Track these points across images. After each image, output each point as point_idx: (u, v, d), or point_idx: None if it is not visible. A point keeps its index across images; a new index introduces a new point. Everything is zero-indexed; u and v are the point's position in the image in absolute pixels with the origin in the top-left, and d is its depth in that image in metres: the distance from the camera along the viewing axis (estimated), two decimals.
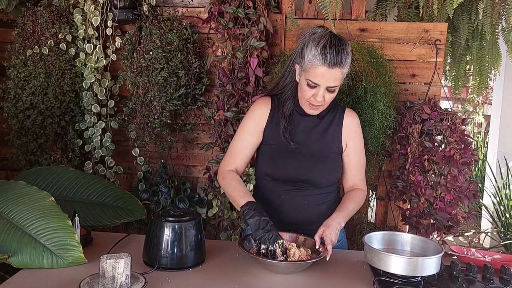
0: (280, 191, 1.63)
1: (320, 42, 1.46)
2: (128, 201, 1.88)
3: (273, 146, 1.63)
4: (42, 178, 1.85)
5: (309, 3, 2.31)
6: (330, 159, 1.64)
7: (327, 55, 1.44)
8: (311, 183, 1.62)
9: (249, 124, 1.66)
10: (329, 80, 1.48)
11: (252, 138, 1.65)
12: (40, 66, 2.17)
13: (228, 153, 1.68)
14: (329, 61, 1.45)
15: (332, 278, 1.39)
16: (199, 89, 2.25)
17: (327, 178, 1.64)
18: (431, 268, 1.33)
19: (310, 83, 1.50)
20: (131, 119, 2.26)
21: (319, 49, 1.45)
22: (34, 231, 1.42)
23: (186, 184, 2.36)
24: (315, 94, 1.51)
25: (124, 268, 1.17)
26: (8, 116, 2.21)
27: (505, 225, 3.49)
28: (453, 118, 2.01)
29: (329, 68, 1.46)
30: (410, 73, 2.26)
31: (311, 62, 1.47)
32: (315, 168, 1.61)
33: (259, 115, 1.65)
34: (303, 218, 1.63)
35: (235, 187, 1.57)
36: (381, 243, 1.52)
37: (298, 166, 1.60)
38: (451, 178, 1.97)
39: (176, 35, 2.16)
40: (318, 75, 1.47)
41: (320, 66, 1.46)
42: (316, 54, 1.46)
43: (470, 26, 2.34)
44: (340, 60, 1.46)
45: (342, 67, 1.47)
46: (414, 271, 1.32)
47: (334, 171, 1.65)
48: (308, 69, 1.49)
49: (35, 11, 2.18)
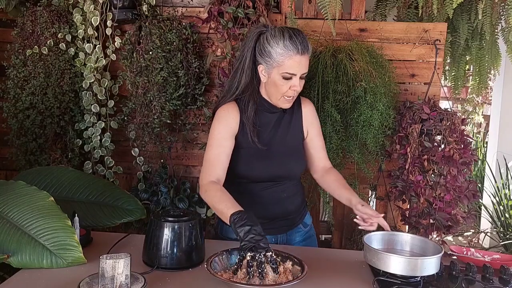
0: (260, 190, 1.65)
1: (284, 34, 1.50)
2: (127, 201, 1.88)
3: (246, 149, 1.61)
4: (41, 178, 1.85)
5: (309, 3, 2.31)
6: (298, 150, 1.71)
7: (297, 44, 1.49)
8: (287, 177, 1.67)
9: (222, 130, 1.59)
10: (302, 67, 1.52)
11: (228, 144, 1.59)
12: (40, 66, 2.17)
13: (206, 163, 1.57)
14: (300, 49, 1.49)
15: (332, 278, 1.39)
16: (199, 89, 2.25)
17: (299, 169, 1.71)
18: (431, 268, 1.33)
19: (287, 75, 1.52)
20: (131, 119, 2.26)
21: (287, 40, 1.49)
22: (33, 231, 1.42)
23: (185, 184, 2.36)
24: (292, 84, 1.53)
25: (124, 268, 1.17)
26: (8, 116, 2.20)
27: (505, 225, 3.49)
28: (452, 118, 2.01)
29: (302, 55, 1.50)
30: (409, 73, 2.27)
31: (284, 55, 1.49)
32: (289, 163, 1.66)
33: (230, 120, 1.60)
34: (284, 210, 1.68)
35: (220, 198, 1.45)
36: (381, 243, 1.52)
37: (272, 164, 1.63)
38: (451, 178, 1.97)
39: (176, 35, 2.16)
40: (294, 64, 1.50)
41: (294, 55, 1.49)
42: (286, 45, 1.49)
43: (470, 26, 2.34)
44: (307, 45, 1.51)
45: (309, 52, 1.53)
46: (414, 271, 1.32)
47: (303, 161, 1.72)
48: (281, 63, 1.51)
49: (35, 11, 2.18)
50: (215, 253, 1.38)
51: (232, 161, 1.61)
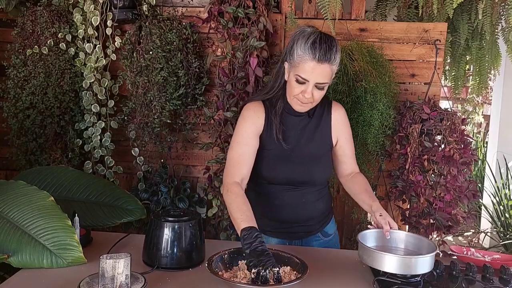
0: (278, 192, 1.63)
1: (310, 38, 1.48)
2: (127, 201, 1.88)
3: (269, 150, 1.61)
4: (41, 178, 1.85)
5: (309, 3, 2.31)
6: (324, 157, 1.66)
7: (317, 50, 1.45)
8: (308, 183, 1.63)
9: (248, 128, 1.60)
10: (318, 76, 1.48)
11: (253, 142, 1.59)
12: (40, 65, 2.17)
13: (231, 162, 1.57)
14: (318, 56, 1.45)
15: (332, 278, 1.39)
16: (199, 89, 2.25)
17: (323, 177, 1.67)
18: (425, 266, 1.33)
19: (299, 78, 1.49)
20: (131, 119, 2.26)
21: (309, 44, 1.46)
22: (33, 231, 1.42)
23: (185, 184, 2.36)
24: (303, 90, 1.51)
25: (124, 268, 1.17)
26: (8, 116, 2.20)
27: (505, 225, 3.49)
28: (452, 118, 2.01)
29: (318, 63, 1.46)
30: (409, 73, 2.26)
31: (301, 57, 1.47)
32: (311, 169, 1.62)
33: (256, 119, 1.62)
34: (302, 215, 1.65)
35: (237, 206, 1.44)
36: (375, 241, 1.51)
37: (294, 169, 1.61)
38: (451, 178, 1.97)
39: (176, 34, 2.16)
40: (308, 70, 1.47)
41: (309, 61, 1.46)
42: (306, 49, 1.46)
43: (470, 26, 2.34)
44: (329, 56, 1.46)
45: (331, 63, 1.48)
46: (408, 269, 1.32)
47: (328, 169, 1.68)
48: (297, 65, 1.49)
49: (35, 11, 2.18)
50: (216, 253, 1.38)
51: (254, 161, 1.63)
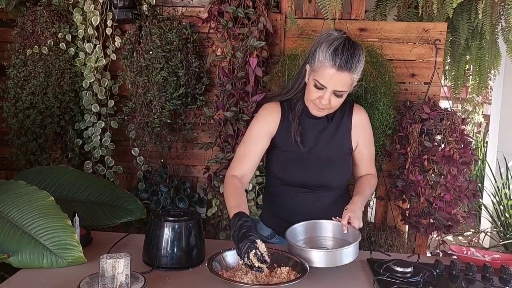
0: (293, 194, 1.63)
1: (333, 44, 1.45)
2: (127, 201, 1.88)
3: (285, 152, 1.61)
4: (41, 178, 1.85)
5: (309, 3, 2.31)
6: (341, 162, 1.64)
7: (338, 57, 1.43)
8: (323, 187, 1.62)
9: (259, 128, 1.62)
10: (336, 83, 1.46)
11: (262, 142, 1.61)
12: (40, 65, 2.17)
13: (236, 157, 1.62)
14: (338, 64, 1.43)
15: (332, 278, 1.39)
16: (199, 88, 2.25)
17: (339, 182, 1.65)
18: (349, 256, 1.37)
19: (318, 84, 1.48)
20: (131, 119, 2.26)
21: (331, 50, 1.44)
22: (33, 231, 1.42)
23: (185, 183, 2.36)
24: (321, 96, 1.50)
25: (124, 268, 1.17)
26: (8, 116, 2.20)
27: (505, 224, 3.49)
28: (452, 118, 2.01)
29: (338, 71, 1.44)
30: (409, 72, 2.26)
31: (321, 63, 1.45)
32: (327, 173, 1.61)
33: (269, 120, 1.62)
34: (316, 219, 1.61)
35: (229, 195, 1.50)
36: (304, 233, 1.53)
37: (309, 172, 1.60)
38: (451, 178, 1.97)
39: (176, 34, 2.16)
40: (326, 76, 1.46)
41: (329, 67, 1.44)
42: (327, 55, 1.44)
43: (470, 26, 2.34)
44: (350, 64, 1.44)
45: (351, 72, 1.45)
46: (333, 262, 1.34)
47: (345, 174, 1.65)
48: (317, 70, 1.47)
49: (35, 11, 2.18)
50: (216, 253, 1.38)
51: (269, 161, 1.65)
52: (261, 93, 2.17)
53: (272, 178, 1.67)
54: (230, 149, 2.18)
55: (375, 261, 1.48)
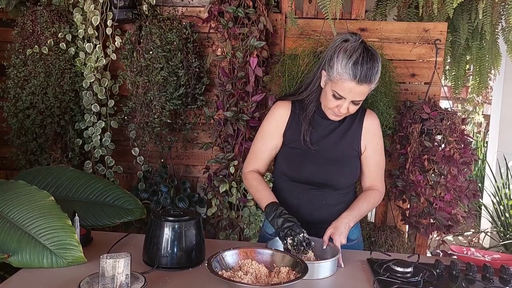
0: (298, 191, 1.64)
1: (352, 57, 1.43)
2: (128, 201, 1.88)
3: (293, 148, 1.63)
4: (41, 178, 1.85)
5: (309, 3, 2.31)
6: (348, 162, 1.64)
7: (358, 72, 1.42)
8: (329, 185, 1.63)
9: (269, 127, 1.66)
10: (356, 95, 1.47)
11: (272, 141, 1.66)
12: (40, 65, 2.17)
13: (250, 154, 1.71)
14: (359, 78, 1.43)
15: (332, 278, 1.39)
16: (199, 88, 2.25)
17: (345, 181, 1.65)
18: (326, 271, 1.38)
19: (336, 95, 1.49)
20: (131, 119, 2.26)
21: (350, 64, 1.43)
22: (33, 231, 1.42)
23: (185, 183, 2.36)
24: (339, 105, 1.51)
25: (124, 268, 1.17)
26: (8, 116, 2.20)
27: (505, 224, 3.49)
28: (453, 118, 2.01)
29: (358, 84, 1.44)
30: (410, 72, 2.26)
31: (340, 75, 1.45)
32: (333, 172, 1.62)
33: (278, 119, 1.65)
34: (321, 217, 1.63)
35: (257, 188, 1.62)
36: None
37: (316, 169, 1.61)
38: (451, 178, 1.97)
39: (176, 34, 2.16)
40: (346, 89, 1.46)
41: (349, 81, 1.44)
42: (347, 68, 1.43)
43: (470, 26, 2.34)
44: (370, 77, 1.44)
45: (370, 84, 1.46)
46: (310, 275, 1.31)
47: (352, 174, 1.66)
48: (336, 81, 1.47)
49: (35, 11, 2.18)
50: (216, 253, 1.38)
51: (277, 157, 1.69)
52: (261, 93, 2.17)
53: (279, 174, 1.69)
54: (230, 149, 2.18)
55: (375, 261, 1.48)
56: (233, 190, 2.20)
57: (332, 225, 1.53)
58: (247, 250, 1.40)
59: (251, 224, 2.23)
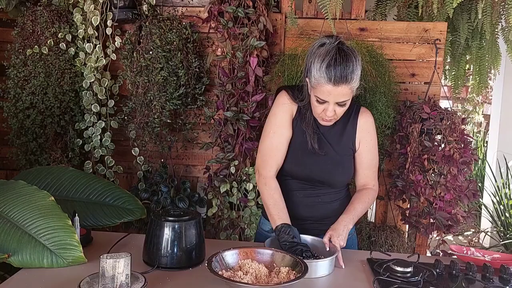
0: (296, 188, 1.65)
1: (325, 60, 1.44)
2: (128, 201, 1.88)
3: (296, 144, 1.63)
4: (41, 178, 1.85)
5: (309, 3, 2.31)
6: (346, 161, 1.65)
7: (331, 73, 1.43)
8: (327, 184, 1.64)
9: (282, 116, 1.62)
10: (336, 96, 1.47)
11: (288, 132, 1.62)
12: (40, 65, 2.17)
13: (265, 152, 1.62)
14: (333, 79, 1.43)
15: (332, 278, 1.39)
16: (199, 88, 2.25)
17: (342, 180, 1.67)
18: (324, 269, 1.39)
19: (319, 99, 1.50)
20: (131, 119, 2.26)
21: (323, 67, 1.44)
22: (34, 231, 1.42)
23: (186, 183, 2.36)
24: (325, 109, 1.51)
25: (124, 268, 1.17)
26: (8, 116, 2.21)
27: (505, 224, 3.49)
28: (452, 118, 2.01)
29: (335, 86, 1.45)
30: (409, 72, 2.26)
31: (317, 80, 1.46)
32: (333, 172, 1.63)
33: (288, 106, 1.62)
34: (317, 214, 1.66)
35: (275, 203, 1.56)
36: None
37: (316, 168, 1.62)
38: (451, 178, 1.97)
39: (176, 34, 2.16)
40: (325, 92, 1.47)
41: (325, 84, 1.45)
42: (321, 72, 1.44)
43: (470, 26, 2.34)
44: (345, 77, 1.44)
45: (348, 83, 1.46)
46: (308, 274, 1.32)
47: (348, 173, 1.67)
48: (315, 86, 1.48)
49: (35, 11, 2.18)
50: (216, 253, 1.38)
51: None
52: (261, 93, 2.17)
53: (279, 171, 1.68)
54: (230, 149, 2.18)
55: (375, 261, 1.48)
56: (234, 190, 2.20)
57: (331, 228, 1.54)
58: (247, 250, 1.40)
59: (252, 224, 2.23)
